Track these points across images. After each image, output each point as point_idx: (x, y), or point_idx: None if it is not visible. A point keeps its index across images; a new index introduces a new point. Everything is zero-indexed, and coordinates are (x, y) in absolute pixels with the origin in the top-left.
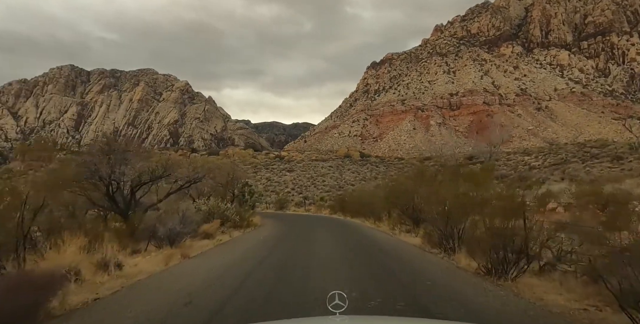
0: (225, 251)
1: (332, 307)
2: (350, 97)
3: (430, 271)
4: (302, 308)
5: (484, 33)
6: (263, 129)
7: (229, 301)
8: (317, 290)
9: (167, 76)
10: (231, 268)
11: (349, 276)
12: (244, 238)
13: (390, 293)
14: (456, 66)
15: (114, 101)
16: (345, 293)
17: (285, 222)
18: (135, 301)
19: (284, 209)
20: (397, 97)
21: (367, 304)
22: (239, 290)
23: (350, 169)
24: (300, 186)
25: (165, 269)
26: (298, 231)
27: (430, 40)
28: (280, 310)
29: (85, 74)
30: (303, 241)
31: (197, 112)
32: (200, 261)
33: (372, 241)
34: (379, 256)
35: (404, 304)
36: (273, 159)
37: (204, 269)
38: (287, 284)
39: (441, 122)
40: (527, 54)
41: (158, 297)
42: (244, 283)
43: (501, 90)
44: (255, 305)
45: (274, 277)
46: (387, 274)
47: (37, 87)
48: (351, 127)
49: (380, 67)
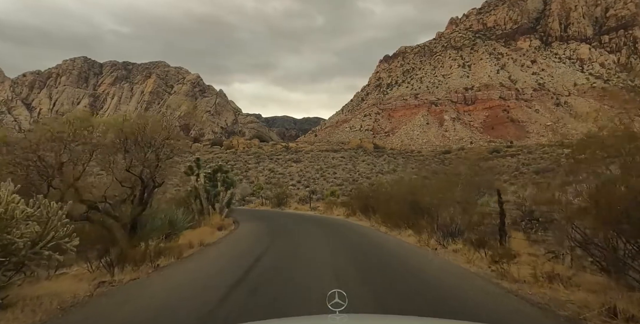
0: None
1: (332, 305)
2: (362, 91)
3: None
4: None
5: (500, 26)
6: (274, 123)
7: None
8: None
9: (178, 69)
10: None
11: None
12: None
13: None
14: (471, 60)
15: (126, 93)
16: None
17: (274, 233)
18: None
19: (282, 206)
20: (410, 91)
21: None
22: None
23: (365, 161)
24: (307, 179)
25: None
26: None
27: (444, 33)
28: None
29: (97, 66)
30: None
31: (208, 105)
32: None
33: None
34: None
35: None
36: (280, 150)
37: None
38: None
39: (455, 117)
40: (545, 48)
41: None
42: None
43: (518, 85)
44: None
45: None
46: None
47: (51, 79)
48: (362, 121)
49: (393, 60)
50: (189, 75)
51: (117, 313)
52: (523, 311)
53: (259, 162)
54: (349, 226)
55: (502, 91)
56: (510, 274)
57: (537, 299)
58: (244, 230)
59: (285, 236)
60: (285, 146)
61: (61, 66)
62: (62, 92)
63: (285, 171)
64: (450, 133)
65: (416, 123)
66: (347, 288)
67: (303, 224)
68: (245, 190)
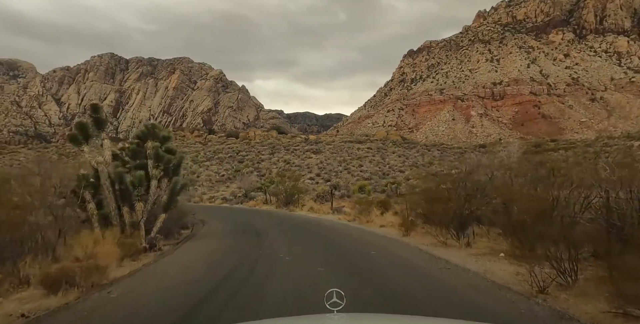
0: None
1: (330, 305)
2: (385, 86)
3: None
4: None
5: (531, 19)
6: (295, 119)
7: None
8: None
9: (201, 65)
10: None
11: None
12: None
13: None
14: (500, 54)
15: (150, 88)
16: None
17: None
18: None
19: (290, 205)
20: (436, 86)
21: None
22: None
23: (396, 152)
24: (328, 171)
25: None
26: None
27: (472, 27)
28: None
29: (124, 62)
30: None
31: (230, 101)
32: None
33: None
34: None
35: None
36: (298, 142)
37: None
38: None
39: (483, 113)
40: (579, 41)
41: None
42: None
43: (550, 79)
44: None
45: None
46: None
47: (79, 75)
48: (385, 117)
49: (417, 55)
50: (212, 71)
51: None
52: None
53: (274, 153)
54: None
55: (532, 86)
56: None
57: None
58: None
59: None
60: (305, 137)
61: (89, 62)
62: (89, 88)
63: (303, 163)
64: (478, 129)
65: (441, 119)
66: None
67: (333, 265)
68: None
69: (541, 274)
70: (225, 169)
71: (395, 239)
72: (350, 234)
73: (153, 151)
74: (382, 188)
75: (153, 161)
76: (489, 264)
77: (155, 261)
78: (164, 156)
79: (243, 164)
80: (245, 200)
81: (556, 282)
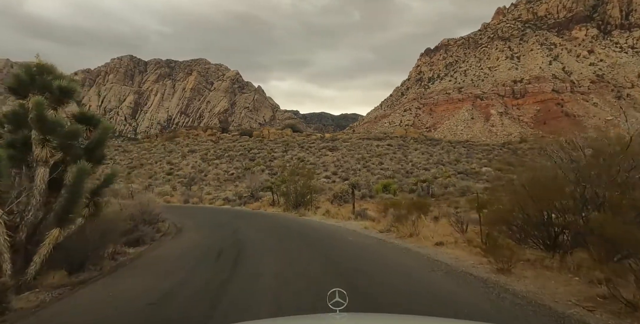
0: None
1: (333, 304)
2: (402, 85)
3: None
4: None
5: (552, 15)
6: (311, 119)
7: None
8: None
9: (218, 66)
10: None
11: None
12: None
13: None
14: (521, 51)
15: (168, 89)
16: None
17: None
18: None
19: (301, 208)
20: (454, 84)
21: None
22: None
23: (419, 149)
24: (345, 170)
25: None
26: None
27: (491, 24)
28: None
29: (142, 64)
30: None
31: (246, 101)
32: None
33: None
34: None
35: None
36: (314, 140)
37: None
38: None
39: (503, 112)
40: (604, 36)
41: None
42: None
43: (573, 76)
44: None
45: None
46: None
47: (100, 77)
48: (402, 116)
49: (434, 53)
50: (228, 72)
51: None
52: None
53: (287, 151)
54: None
55: (555, 83)
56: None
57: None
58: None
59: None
60: (320, 135)
61: (109, 65)
62: (109, 90)
63: (319, 161)
64: (498, 128)
65: (460, 118)
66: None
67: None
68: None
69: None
70: (235, 168)
71: (495, 281)
72: (403, 269)
73: (35, 114)
74: (409, 187)
75: (38, 133)
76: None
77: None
78: (57, 124)
79: (254, 162)
80: (250, 201)
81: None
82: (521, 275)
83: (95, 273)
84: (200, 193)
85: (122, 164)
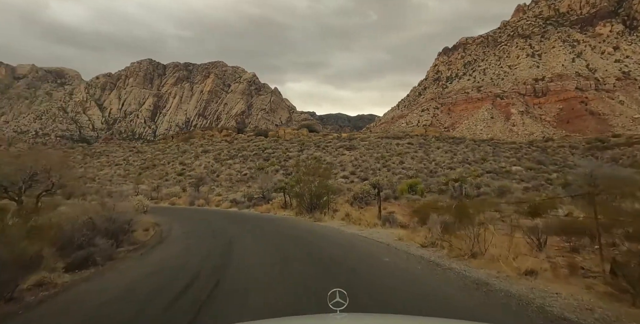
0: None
1: (333, 305)
2: (419, 85)
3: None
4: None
5: (575, 11)
6: (328, 120)
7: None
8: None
9: (235, 68)
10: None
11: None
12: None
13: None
14: (542, 49)
15: (186, 92)
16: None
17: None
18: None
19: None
20: (472, 84)
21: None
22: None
23: (441, 148)
24: (364, 169)
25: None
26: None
27: (510, 22)
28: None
29: (161, 67)
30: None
31: (263, 103)
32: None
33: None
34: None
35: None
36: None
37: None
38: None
39: (524, 111)
40: (630, 32)
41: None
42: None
43: (598, 74)
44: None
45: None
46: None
47: (120, 81)
48: (420, 116)
49: (452, 52)
50: (245, 74)
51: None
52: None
53: (303, 150)
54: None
55: (578, 81)
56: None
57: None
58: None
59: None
60: (337, 135)
61: (129, 68)
62: (129, 93)
63: (336, 160)
64: (519, 128)
65: (479, 117)
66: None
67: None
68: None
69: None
70: (248, 168)
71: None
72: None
73: None
74: (438, 187)
75: None
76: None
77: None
78: None
79: (269, 162)
80: (261, 202)
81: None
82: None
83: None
84: (208, 195)
85: (134, 165)
